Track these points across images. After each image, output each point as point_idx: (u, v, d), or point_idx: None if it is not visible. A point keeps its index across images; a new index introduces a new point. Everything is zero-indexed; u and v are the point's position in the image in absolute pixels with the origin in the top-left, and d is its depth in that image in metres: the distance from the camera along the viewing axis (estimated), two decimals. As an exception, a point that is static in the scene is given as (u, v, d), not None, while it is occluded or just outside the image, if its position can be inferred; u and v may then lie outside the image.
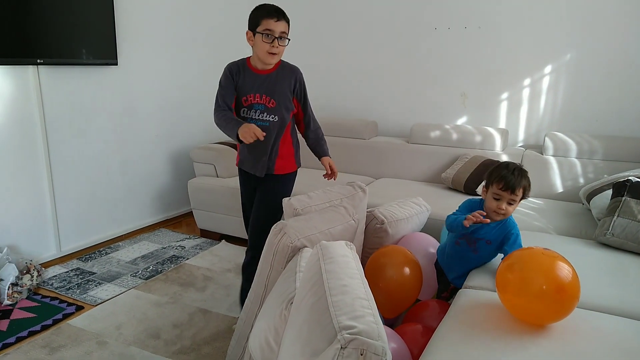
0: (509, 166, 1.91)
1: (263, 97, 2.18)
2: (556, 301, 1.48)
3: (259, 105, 2.18)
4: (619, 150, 3.05)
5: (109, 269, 3.02)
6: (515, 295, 1.53)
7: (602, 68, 3.27)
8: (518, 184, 1.86)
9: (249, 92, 2.17)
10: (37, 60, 2.75)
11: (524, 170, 1.92)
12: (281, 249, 1.71)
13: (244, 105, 2.19)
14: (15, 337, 2.26)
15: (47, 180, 2.98)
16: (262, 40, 2.07)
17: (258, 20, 2.08)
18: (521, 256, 1.59)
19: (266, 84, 2.18)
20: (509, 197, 1.88)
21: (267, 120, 2.19)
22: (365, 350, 0.97)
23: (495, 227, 1.94)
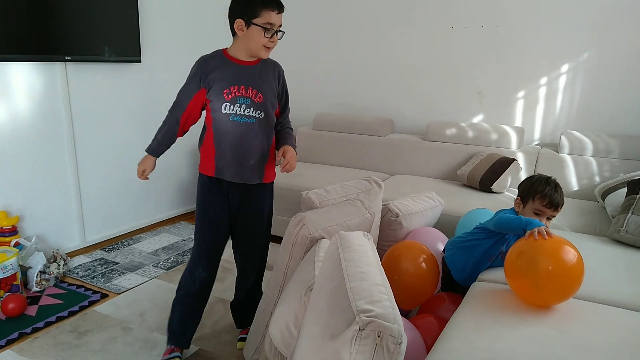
0: (549, 182, 1.93)
1: (249, 90, 1.91)
2: (561, 281, 1.57)
3: (244, 99, 1.90)
4: (635, 149, 3.06)
5: (132, 260, 3.12)
6: (523, 276, 1.60)
7: (619, 67, 3.27)
8: (561, 201, 1.91)
9: (233, 83, 1.89)
10: (64, 57, 2.85)
11: (560, 185, 1.95)
12: (300, 240, 1.77)
13: (226, 99, 1.88)
14: (44, 322, 2.37)
15: (73, 174, 3.09)
16: (260, 34, 1.84)
17: (257, 10, 1.82)
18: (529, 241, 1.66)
19: (251, 76, 1.93)
20: (551, 214, 1.92)
21: (254, 116, 1.92)
22: (382, 332, 1.02)
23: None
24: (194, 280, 2.04)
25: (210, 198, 2.00)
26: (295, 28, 4.50)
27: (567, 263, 1.58)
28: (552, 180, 1.94)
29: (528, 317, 1.58)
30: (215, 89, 1.88)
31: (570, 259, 1.59)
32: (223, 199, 2.00)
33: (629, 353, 1.40)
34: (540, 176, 1.98)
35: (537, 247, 1.62)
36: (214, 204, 2.00)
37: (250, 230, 2.09)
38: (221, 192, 1.99)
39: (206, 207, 2.02)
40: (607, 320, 1.59)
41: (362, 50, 4.17)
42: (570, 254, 1.60)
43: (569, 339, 1.46)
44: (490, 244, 2.03)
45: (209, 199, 2.00)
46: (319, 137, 4.11)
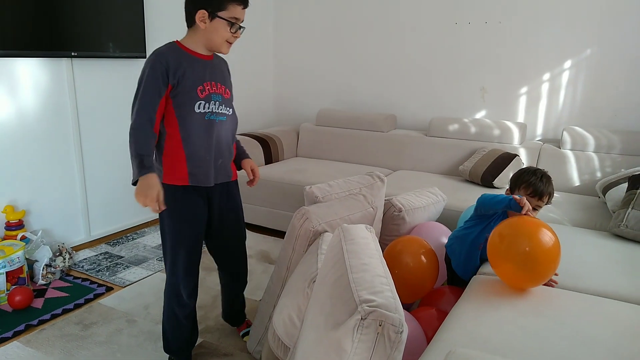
0: (536, 172, 1.96)
1: (218, 85, 1.81)
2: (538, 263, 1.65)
3: (217, 96, 1.79)
4: (637, 145, 3.07)
5: (136, 253, 3.15)
6: (504, 258, 1.69)
7: (622, 63, 3.28)
8: (546, 191, 1.93)
9: (205, 79, 1.76)
10: (71, 53, 2.87)
11: (550, 177, 1.97)
12: (303, 233, 1.80)
13: (200, 97, 1.74)
14: (50, 314, 2.40)
15: (79, 169, 3.12)
16: (225, 28, 1.73)
17: (224, 3, 1.70)
18: (507, 223, 1.76)
19: (215, 71, 1.83)
20: (536, 203, 1.94)
21: (225, 114, 1.83)
22: (383, 322, 1.04)
23: None
24: (188, 298, 1.92)
25: (190, 208, 1.82)
26: (299, 25, 4.53)
27: (544, 244, 1.65)
28: (539, 171, 1.97)
29: (527, 309, 1.61)
30: (186, 86, 1.71)
31: (547, 240, 1.66)
32: (204, 204, 1.86)
33: (627, 345, 1.42)
34: (529, 167, 2.02)
35: (518, 229, 1.70)
36: (195, 213, 1.84)
37: (235, 229, 2.03)
38: (201, 197, 1.85)
39: (187, 220, 1.83)
40: (605, 312, 1.61)
41: (365, 47, 4.18)
42: (547, 235, 1.67)
43: (567, 331, 1.48)
44: (478, 232, 2.06)
45: (188, 210, 1.82)
46: (322, 133, 4.12)
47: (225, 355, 2.11)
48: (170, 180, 1.78)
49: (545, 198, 1.94)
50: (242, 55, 4.28)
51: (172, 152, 1.76)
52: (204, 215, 1.88)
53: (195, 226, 1.86)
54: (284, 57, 4.62)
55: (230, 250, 2.07)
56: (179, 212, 1.81)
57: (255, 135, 3.88)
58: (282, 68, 4.65)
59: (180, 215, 1.82)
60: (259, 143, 3.80)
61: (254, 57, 4.46)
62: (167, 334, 1.98)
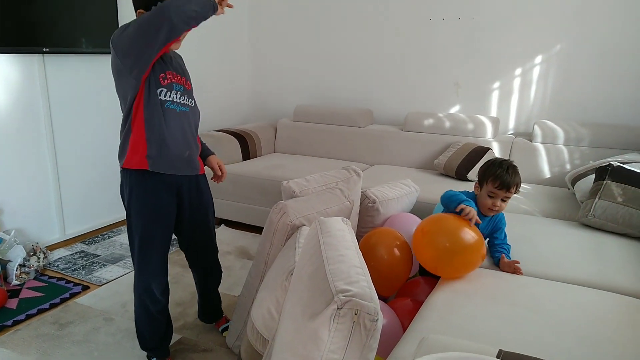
0: (502, 164, 1.98)
1: (178, 76, 1.81)
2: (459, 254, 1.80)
3: (178, 86, 1.79)
4: (605, 137, 3.17)
5: (112, 252, 3.12)
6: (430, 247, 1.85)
7: (590, 58, 3.38)
8: (512, 182, 1.96)
9: (166, 69, 1.76)
10: (42, 49, 2.82)
11: (516, 167, 2.00)
12: (281, 227, 1.81)
13: (162, 84, 1.73)
14: (25, 315, 2.36)
15: (52, 166, 3.07)
16: None
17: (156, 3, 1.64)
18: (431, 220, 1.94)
19: (173, 63, 1.83)
20: (504, 195, 1.98)
21: (187, 105, 1.83)
22: (359, 310, 1.07)
23: (489, 222, 2.06)
24: (161, 294, 1.91)
25: (157, 203, 1.80)
26: (275, 20, 4.53)
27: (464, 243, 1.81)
28: (506, 162, 2.00)
29: (499, 297, 1.66)
30: (155, 70, 1.71)
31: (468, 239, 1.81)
32: (173, 200, 1.85)
33: (593, 329, 1.48)
34: (495, 159, 2.05)
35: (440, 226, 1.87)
36: (162, 208, 1.81)
37: (204, 224, 2.03)
38: (170, 192, 1.83)
39: (155, 216, 1.80)
40: (574, 298, 1.67)
41: (342, 43, 4.20)
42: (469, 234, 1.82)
43: (538, 317, 1.54)
44: None
45: (156, 205, 1.80)
46: (300, 129, 4.14)
47: (204, 351, 2.12)
48: (133, 164, 1.75)
49: (513, 189, 1.97)
50: (218, 51, 4.26)
51: (137, 136, 1.74)
52: (172, 211, 1.87)
53: (164, 222, 1.84)
54: (260, 52, 4.62)
55: (201, 246, 2.08)
56: (146, 208, 1.79)
57: (233, 132, 3.87)
58: (259, 64, 4.64)
59: (148, 212, 1.80)
60: (236, 139, 3.80)
61: (230, 53, 4.44)
62: (143, 331, 1.98)
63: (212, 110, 4.29)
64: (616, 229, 2.27)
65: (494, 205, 1.98)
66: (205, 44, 4.06)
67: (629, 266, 1.95)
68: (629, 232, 2.25)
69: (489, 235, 2.07)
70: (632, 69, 3.28)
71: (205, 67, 4.13)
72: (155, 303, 1.91)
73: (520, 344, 1.37)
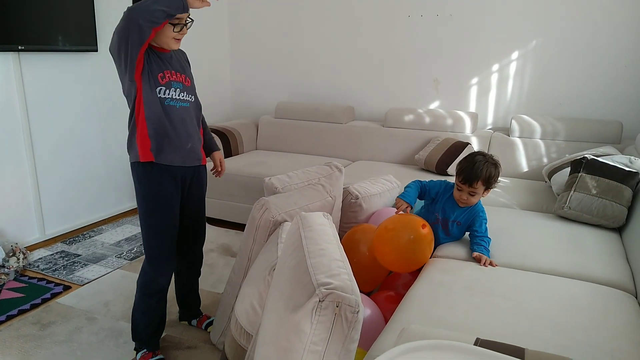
0: (474, 159, 2.01)
1: (178, 74, 1.92)
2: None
3: (177, 84, 1.90)
4: (580, 132, 3.24)
5: (94, 251, 3.09)
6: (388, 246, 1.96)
7: (565, 54, 3.45)
8: (475, 178, 1.98)
9: (165, 68, 1.87)
10: (17, 47, 2.78)
11: (490, 163, 2.01)
12: (263, 224, 1.83)
13: (161, 83, 1.84)
14: (6, 316, 2.34)
15: (30, 166, 3.03)
16: (169, 29, 1.82)
17: None
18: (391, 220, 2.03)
19: (173, 62, 1.94)
20: (469, 190, 2.03)
21: (187, 100, 1.94)
22: (340, 303, 1.09)
23: (465, 211, 2.11)
24: (165, 282, 1.99)
25: (158, 184, 1.90)
26: (256, 17, 4.52)
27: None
28: (479, 157, 2.02)
29: (478, 288, 1.70)
30: (152, 69, 1.82)
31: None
32: (179, 191, 1.96)
33: (568, 317, 1.53)
34: (472, 153, 2.08)
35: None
36: (165, 188, 1.91)
37: (200, 213, 2.12)
38: (176, 182, 1.94)
39: (163, 198, 1.91)
40: (549, 288, 1.72)
41: (323, 39, 4.22)
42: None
43: (516, 307, 1.58)
44: (424, 211, 2.24)
45: (158, 185, 1.90)
46: (281, 125, 4.15)
47: (188, 348, 2.12)
48: (140, 158, 1.86)
49: (477, 184, 1.99)
50: (198, 49, 4.23)
51: (142, 132, 1.85)
52: (178, 200, 1.98)
53: (171, 211, 1.94)
54: (240, 50, 4.60)
55: (193, 234, 2.14)
56: (154, 198, 1.90)
57: (214, 129, 3.86)
58: (239, 61, 4.63)
59: (157, 202, 1.91)
60: (218, 137, 3.79)
61: (210, 51, 4.42)
62: (138, 322, 2.01)
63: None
64: (591, 220, 2.33)
65: (461, 198, 2.05)
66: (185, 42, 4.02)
67: (603, 256, 2.01)
68: (603, 223, 2.32)
69: (469, 226, 2.12)
70: (605, 65, 3.36)
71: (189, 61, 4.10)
72: (158, 292, 1.98)
73: (498, 332, 1.41)
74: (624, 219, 2.31)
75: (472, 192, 2.03)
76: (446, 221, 2.16)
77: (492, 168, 2.01)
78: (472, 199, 2.05)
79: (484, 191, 2.05)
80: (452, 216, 2.13)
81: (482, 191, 2.05)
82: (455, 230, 2.16)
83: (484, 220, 2.09)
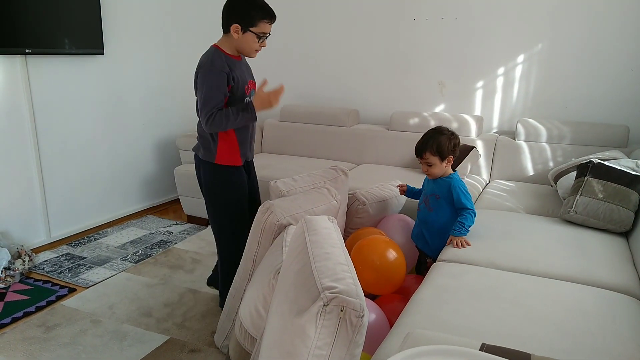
0: (426, 133, 2.19)
1: (252, 82, 2.21)
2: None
3: (253, 92, 2.19)
4: (586, 135, 3.22)
5: (99, 254, 3.10)
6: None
7: (571, 57, 3.44)
8: (424, 149, 2.14)
9: (246, 79, 2.15)
10: (25, 50, 2.80)
11: (439, 133, 2.15)
12: (268, 227, 1.83)
13: (246, 94, 2.14)
14: (11, 318, 2.35)
15: (36, 168, 3.04)
16: (254, 40, 2.06)
17: (255, 20, 2.02)
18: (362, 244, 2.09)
19: (246, 70, 2.21)
20: (423, 161, 2.18)
21: None
22: (345, 307, 1.09)
23: (437, 183, 2.22)
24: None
25: (239, 184, 2.20)
26: (259, 20, 4.50)
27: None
28: (428, 131, 2.20)
29: (484, 293, 1.69)
30: (238, 87, 2.09)
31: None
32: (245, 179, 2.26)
33: (574, 322, 1.52)
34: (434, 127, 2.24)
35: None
36: (242, 185, 2.21)
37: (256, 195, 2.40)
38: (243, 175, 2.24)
39: (241, 198, 2.21)
40: (555, 293, 1.71)
41: (328, 43, 4.22)
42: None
43: (522, 311, 1.57)
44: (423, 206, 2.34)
45: (238, 185, 2.20)
46: (286, 129, 4.15)
47: (192, 351, 2.12)
48: (227, 162, 2.15)
49: (427, 155, 2.14)
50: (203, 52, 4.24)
51: (228, 140, 2.13)
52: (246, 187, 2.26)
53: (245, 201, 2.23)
54: (246, 53, 4.61)
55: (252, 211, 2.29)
56: (238, 185, 2.18)
57: (219, 132, 3.87)
58: (245, 64, 4.64)
59: (237, 196, 2.19)
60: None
61: (215, 54, 4.43)
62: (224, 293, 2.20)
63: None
64: (597, 224, 2.32)
65: (423, 170, 2.22)
66: (189, 45, 4.05)
67: (609, 261, 1.99)
68: (610, 227, 2.30)
69: (450, 202, 2.19)
70: (611, 68, 3.34)
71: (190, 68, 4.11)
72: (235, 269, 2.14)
73: (504, 337, 1.40)
74: (630, 224, 2.29)
75: (428, 163, 2.16)
76: (427, 198, 2.27)
77: (442, 138, 2.14)
78: (432, 170, 2.18)
79: (443, 161, 2.16)
80: (429, 190, 2.25)
81: (439, 161, 2.15)
82: (435, 204, 2.23)
83: (459, 191, 2.15)
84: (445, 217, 2.21)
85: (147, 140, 3.86)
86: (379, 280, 2.03)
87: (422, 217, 2.31)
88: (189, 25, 4.04)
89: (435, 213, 2.23)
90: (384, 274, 2.02)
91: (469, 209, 2.12)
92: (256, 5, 2.02)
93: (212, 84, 2.01)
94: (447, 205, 2.19)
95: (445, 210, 2.20)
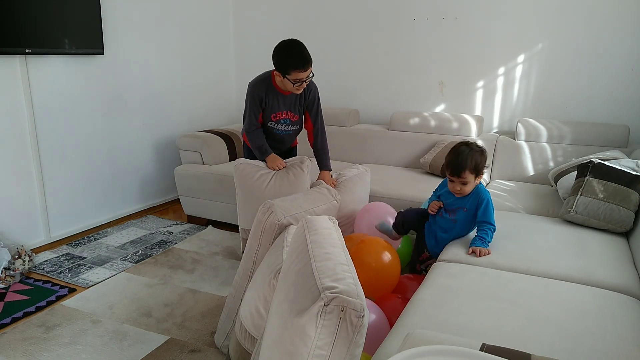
0: (459, 150, 2.08)
1: (288, 113, 2.64)
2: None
3: (285, 120, 2.66)
4: (586, 135, 3.22)
5: (99, 254, 3.10)
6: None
7: (572, 57, 3.44)
8: (462, 169, 2.05)
9: (278, 110, 2.61)
10: (25, 50, 2.79)
11: (474, 151, 2.07)
12: (269, 227, 1.83)
13: (272, 120, 2.63)
14: (11, 318, 2.34)
15: (36, 168, 3.04)
16: (290, 83, 2.44)
17: (288, 69, 2.39)
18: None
19: (290, 101, 2.63)
20: (459, 180, 2.08)
21: (291, 130, 2.73)
22: (345, 307, 1.09)
23: (467, 198, 2.14)
24: None
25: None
26: (260, 20, 4.53)
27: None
28: (463, 147, 2.09)
29: (484, 293, 1.69)
30: (266, 111, 2.63)
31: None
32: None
33: (574, 322, 1.52)
34: (455, 145, 2.14)
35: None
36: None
37: None
38: None
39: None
40: (556, 293, 1.71)
41: (327, 43, 4.22)
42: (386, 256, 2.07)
43: (522, 311, 1.57)
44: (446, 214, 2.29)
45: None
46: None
47: (193, 351, 2.12)
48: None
49: (465, 174, 2.05)
50: (203, 51, 4.25)
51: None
52: None
53: None
54: (246, 53, 4.61)
55: None
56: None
57: (219, 132, 3.87)
58: (245, 64, 4.64)
59: None
60: (222, 140, 3.79)
61: (215, 53, 4.44)
62: None
63: (197, 111, 4.29)
64: (598, 224, 2.31)
65: (455, 189, 2.12)
66: (190, 45, 4.05)
67: (610, 261, 1.99)
68: (610, 227, 2.30)
69: (475, 211, 2.14)
70: (612, 68, 3.34)
71: (191, 68, 4.12)
72: None
73: (504, 337, 1.39)
74: (631, 224, 2.29)
75: (464, 182, 2.09)
76: (453, 211, 2.20)
77: (477, 155, 2.08)
78: (465, 188, 2.11)
79: (476, 178, 2.10)
80: (455, 203, 2.18)
81: (473, 179, 2.09)
82: (461, 216, 2.18)
83: (491, 207, 2.11)
84: (466, 227, 2.21)
85: (147, 140, 3.86)
86: (372, 282, 2.01)
87: (442, 224, 2.25)
88: (189, 25, 4.03)
89: (459, 225, 2.19)
90: (378, 276, 2.02)
91: (491, 225, 2.09)
92: (291, 56, 2.40)
93: (248, 102, 2.61)
94: (472, 216, 2.16)
95: (468, 221, 2.18)
